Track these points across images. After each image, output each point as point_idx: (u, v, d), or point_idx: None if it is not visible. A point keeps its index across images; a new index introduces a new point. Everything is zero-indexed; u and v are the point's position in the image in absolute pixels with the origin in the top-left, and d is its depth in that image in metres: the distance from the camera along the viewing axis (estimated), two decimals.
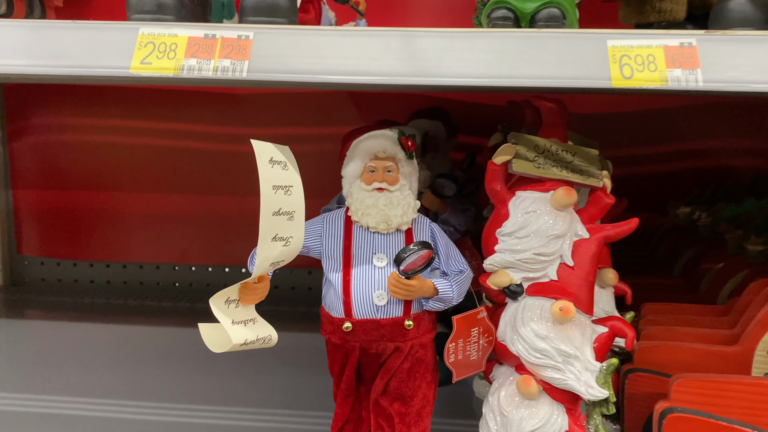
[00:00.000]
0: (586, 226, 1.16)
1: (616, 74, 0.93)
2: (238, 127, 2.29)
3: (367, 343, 1.11)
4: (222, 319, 1.01)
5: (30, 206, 2.40)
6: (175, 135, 2.34)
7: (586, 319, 1.15)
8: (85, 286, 2.41)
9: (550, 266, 1.13)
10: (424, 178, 1.61)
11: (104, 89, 2.31)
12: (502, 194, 1.16)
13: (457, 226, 1.63)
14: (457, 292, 1.11)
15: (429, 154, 1.75)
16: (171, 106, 2.31)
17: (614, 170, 1.46)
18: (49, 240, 2.41)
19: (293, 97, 2.22)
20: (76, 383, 1.60)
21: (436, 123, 1.80)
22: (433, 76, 0.96)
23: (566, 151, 1.16)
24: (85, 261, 2.41)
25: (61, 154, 2.37)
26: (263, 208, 0.96)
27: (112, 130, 2.35)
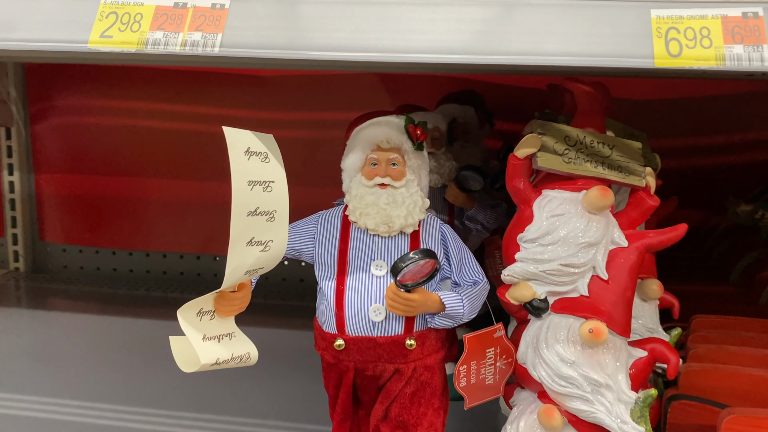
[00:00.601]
0: (625, 233, 0.99)
1: (661, 51, 0.75)
2: (268, 112, 2.17)
3: (362, 363, 0.97)
4: (190, 334, 0.88)
5: (52, 191, 2.32)
6: (203, 119, 2.23)
7: (621, 342, 0.98)
8: (108, 274, 2.33)
9: (580, 279, 0.97)
10: (449, 169, 1.45)
11: (129, 70, 2.22)
12: (525, 193, 0.99)
13: (486, 223, 1.47)
14: (468, 308, 0.96)
15: (457, 143, 1.58)
16: (199, 88, 2.20)
17: (666, 163, 1.29)
18: (72, 226, 2.34)
19: (320, 80, 2.08)
20: (95, 385, 1.49)
21: (466, 108, 1.63)
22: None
23: (603, 143, 0.98)
24: (108, 249, 2.33)
25: (84, 138, 2.28)
26: (234, 208, 0.82)
27: (137, 113, 2.25)
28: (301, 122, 2.10)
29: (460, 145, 1.60)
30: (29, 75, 2.25)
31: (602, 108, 1.05)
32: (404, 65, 0.82)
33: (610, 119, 1.14)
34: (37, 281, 2.25)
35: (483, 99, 1.74)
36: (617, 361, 0.97)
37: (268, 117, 2.14)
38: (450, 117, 1.57)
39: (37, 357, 1.65)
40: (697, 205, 1.89)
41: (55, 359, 1.63)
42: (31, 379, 1.51)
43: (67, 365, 1.60)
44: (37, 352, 1.69)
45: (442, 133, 1.47)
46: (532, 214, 0.98)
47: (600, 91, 1.09)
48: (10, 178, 2.25)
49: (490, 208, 1.47)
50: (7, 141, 2.23)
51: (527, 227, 0.98)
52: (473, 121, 1.64)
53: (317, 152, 1.98)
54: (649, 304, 1.17)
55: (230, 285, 0.87)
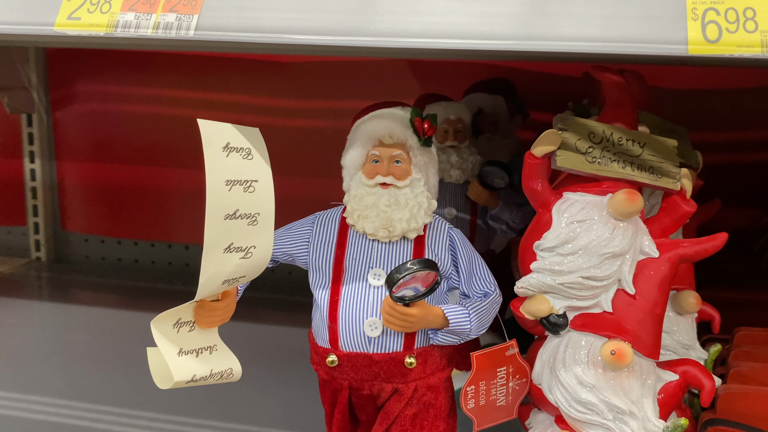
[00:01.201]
0: (656, 241, 0.87)
1: (696, 36, 0.64)
2: (290, 99, 2.09)
3: (357, 382, 0.88)
4: (164, 348, 0.80)
5: (74, 179, 2.28)
6: (228, 107, 2.16)
7: (648, 365, 0.87)
8: (130, 265, 2.28)
9: (603, 294, 0.86)
10: (473, 164, 1.35)
11: (153, 55, 2.16)
12: (543, 196, 0.89)
13: (511, 223, 1.36)
14: (476, 323, 0.86)
15: (483, 136, 1.48)
16: (223, 74, 2.13)
17: (710, 158, 1.17)
18: (94, 216, 2.29)
19: (341, 67, 1.99)
20: (112, 387, 1.42)
21: (495, 98, 1.53)
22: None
23: (633, 140, 0.87)
24: (130, 239, 2.28)
25: (107, 125, 2.24)
26: (209, 210, 0.74)
27: (162, 99, 2.20)
28: (322, 111, 2.01)
29: (486, 138, 1.49)
30: (51, 60, 2.21)
31: (634, 100, 0.93)
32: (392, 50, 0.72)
33: (646, 112, 1.02)
34: (59, 272, 2.22)
35: (515, 88, 1.63)
36: (643, 385, 0.86)
37: (290, 105, 2.06)
38: (475, 108, 1.47)
39: (57, 354, 1.59)
40: (745, 204, 1.75)
41: (75, 357, 1.57)
42: (49, 379, 1.44)
43: (86, 364, 1.53)
44: (57, 348, 1.63)
45: (466, 125, 1.37)
46: (551, 219, 0.87)
47: (633, 80, 0.97)
48: (32, 165, 2.22)
49: (517, 206, 1.37)
50: (29, 128, 2.20)
51: (545, 234, 0.87)
52: (502, 111, 1.53)
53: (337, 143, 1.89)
54: (684, 318, 1.05)
55: (206, 296, 0.79)
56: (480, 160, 1.36)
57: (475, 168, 1.34)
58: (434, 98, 1.41)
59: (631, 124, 0.90)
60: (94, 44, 0.84)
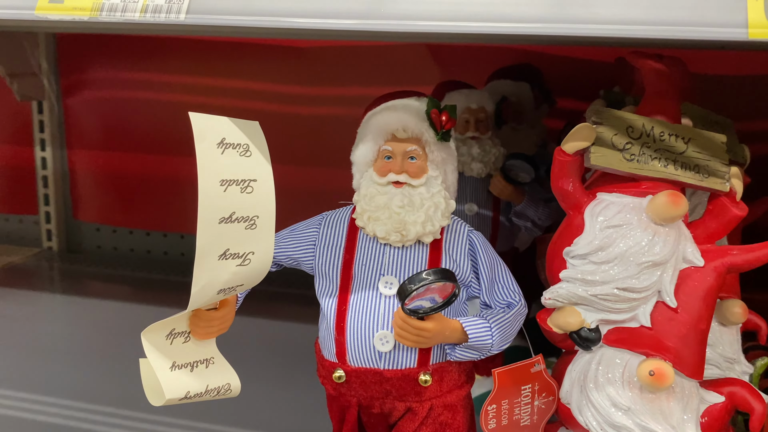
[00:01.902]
0: (701, 248, 0.78)
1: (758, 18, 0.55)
2: (310, 86, 2.01)
3: (367, 400, 0.80)
4: (155, 361, 0.73)
5: (86, 168, 2.23)
6: (243, 94, 2.09)
7: (691, 386, 0.79)
8: (142, 256, 2.23)
9: (641, 306, 0.78)
10: (496, 157, 1.26)
11: (166, 41, 2.09)
12: (574, 197, 0.80)
13: (537, 220, 1.27)
14: (498, 337, 0.78)
15: (507, 125, 1.39)
16: (237, 60, 2.06)
17: (757, 150, 1.08)
18: (106, 205, 2.25)
19: (359, 52, 1.91)
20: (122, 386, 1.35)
21: (520, 85, 1.43)
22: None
23: (676, 135, 0.78)
24: (142, 230, 2.23)
25: (119, 112, 2.18)
26: (201, 213, 0.67)
27: (175, 86, 2.14)
28: (339, 98, 1.93)
29: (511, 128, 1.40)
30: (61, 46, 2.15)
31: (677, 90, 0.84)
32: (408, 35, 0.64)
33: (688, 103, 0.93)
34: (70, 262, 2.17)
35: (541, 74, 1.53)
36: (685, 409, 0.78)
37: (306, 92, 1.98)
38: (499, 96, 1.37)
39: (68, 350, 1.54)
40: None
41: (86, 352, 1.51)
42: (59, 376, 1.39)
43: (98, 360, 1.47)
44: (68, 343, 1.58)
45: (489, 114, 1.28)
46: (583, 222, 0.78)
47: (675, 68, 0.88)
48: (43, 154, 2.16)
49: (543, 202, 1.28)
50: (39, 115, 2.14)
51: (576, 239, 0.78)
52: (527, 99, 1.44)
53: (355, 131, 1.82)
54: (729, 329, 0.96)
55: (200, 306, 0.72)
56: (503, 153, 1.27)
57: (498, 161, 1.26)
58: (455, 86, 1.33)
59: (673, 117, 0.81)
60: (77, 29, 0.76)
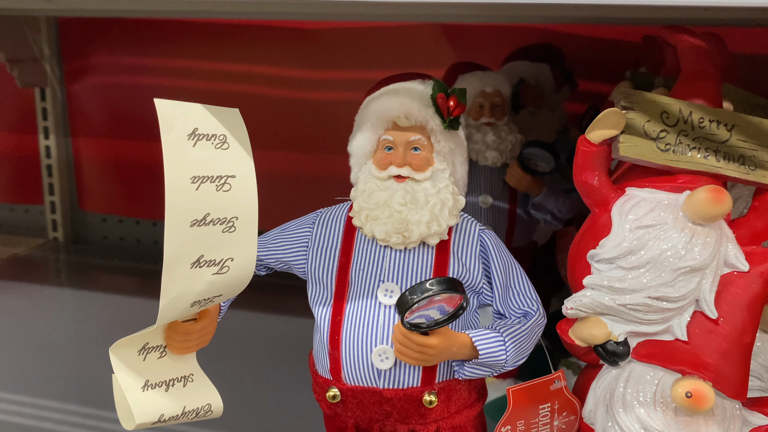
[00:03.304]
0: (745, 250, 0.69)
1: None
2: (318, 70, 1.92)
3: (365, 422, 0.72)
4: (125, 381, 0.65)
5: (91, 156, 2.18)
6: (251, 79, 2.02)
7: (732, 407, 0.69)
8: (149, 246, 2.18)
9: (676, 317, 0.68)
10: (513, 144, 1.17)
11: (170, 24, 2.02)
12: (600, 192, 0.70)
13: (557, 212, 1.18)
14: (513, 353, 0.68)
15: (525, 110, 1.30)
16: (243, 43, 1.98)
17: None
18: (112, 195, 2.19)
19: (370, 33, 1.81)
20: None
21: (540, 66, 1.34)
22: None
23: (717, 122, 0.68)
24: (149, 220, 2.17)
25: (125, 99, 2.12)
26: (169, 215, 0.58)
27: (181, 72, 2.07)
28: (348, 82, 1.84)
29: (529, 113, 1.32)
30: (63, 31, 2.09)
31: (717, 69, 0.74)
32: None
33: (728, 85, 0.82)
34: (76, 253, 2.13)
35: (562, 54, 1.43)
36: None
37: (314, 76, 1.90)
38: (516, 78, 1.28)
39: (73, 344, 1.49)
40: None
41: (93, 347, 1.44)
42: (65, 371, 1.33)
43: (106, 355, 1.41)
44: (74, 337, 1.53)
45: (505, 98, 1.19)
46: (610, 222, 0.69)
47: (714, 44, 0.77)
48: (46, 142, 2.10)
49: (563, 193, 1.19)
50: (42, 102, 2.08)
51: (602, 241, 0.69)
52: (548, 82, 1.34)
53: None
54: None
55: (171, 320, 0.64)
56: (521, 140, 1.19)
57: (515, 149, 1.17)
58: (468, 67, 1.24)
59: (714, 101, 0.71)
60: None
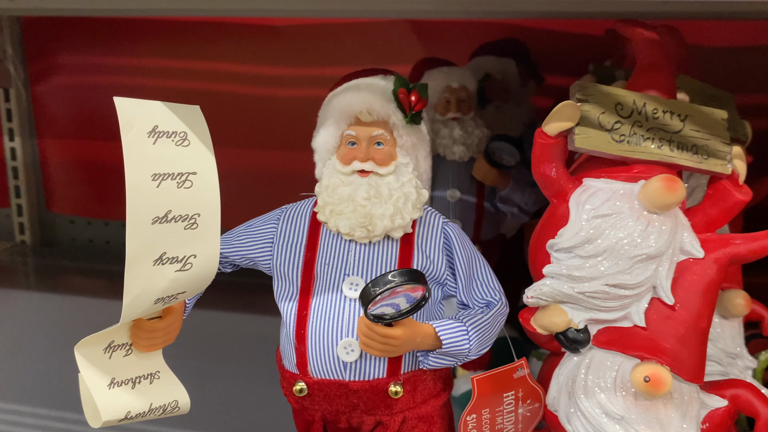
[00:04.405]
0: (700, 237, 0.70)
1: None
2: (283, 66, 1.92)
3: (332, 414, 0.72)
4: (91, 379, 0.65)
5: (58, 158, 2.15)
6: (218, 76, 2.01)
7: (690, 390, 0.71)
8: (117, 248, 2.15)
9: (634, 304, 0.70)
10: (479, 139, 1.18)
11: (136, 22, 2.00)
12: (558, 183, 0.72)
13: (523, 205, 1.20)
14: (476, 342, 0.70)
15: (492, 104, 1.31)
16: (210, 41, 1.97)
17: (757, 123, 1.01)
18: (80, 196, 2.17)
19: (338, 29, 1.82)
20: None
21: (505, 61, 1.35)
22: None
23: (671, 112, 0.70)
24: (118, 221, 2.15)
25: (91, 99, 2.09)
26: (131, 212, 0.58)
27: (149, 70, 2.05)
28: (317, 78, 1.85)
29: (495, 107, 1.33)
30: (27, 30, 2.06)
31: (672, 61, 0.76)
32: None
33: (684, 76, 0.84)
34: (45, 256, 2.10)
35: (527, 49, 1.45)
36: (685, 416, 0.70)
37: (283, 73, 1.90)
38: (482, 73, 1.29)
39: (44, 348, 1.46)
40: None
41: (63, 351, 1.39)
42: (35, 376, 1.31)
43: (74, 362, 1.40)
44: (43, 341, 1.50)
45: (471, 93, 1.20)
46: (568, 212, 0.70)
47: (669, 37, 0.79)
48: (11, 144, 2.07)
49: (530, 186, 1.20)
50: (6, 103, 2.05)
51: (561, 231, 0.70)
52: (513, 77, 1.36)
53: None
54: (730, 322, 0.89)
55: (134, 318, 0.64)
56: (487, 134, 1.20)
57: (481, 143, 1.18)
58: (435, 63, 1.24)
59: (668, 92, 0.72)
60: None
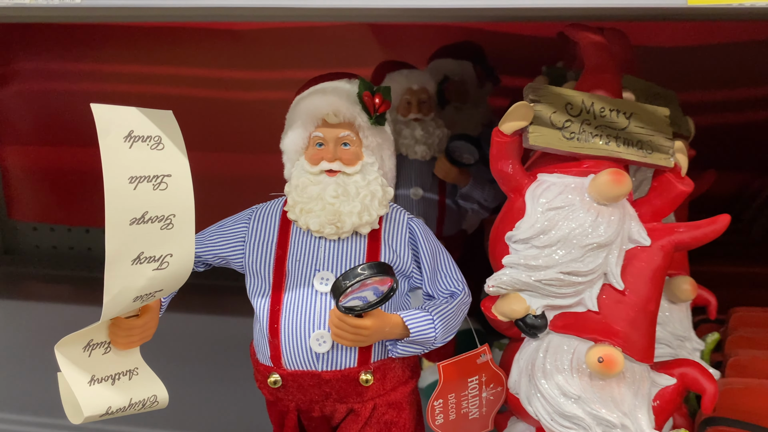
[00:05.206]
0: (647, 227, 0.75)
1: None
2: (245, 70, 1.94)
3: (306, 404, 0.76)
4: (71, 376, 0.67)
5: (19, 164, 2.13)
6: (180, 81, 2.01)
7: (641, 369, 0.76)
8: (83, 254, 2.15)
9: (587, 290, 0.74)
10: (440, 138, 1.22)
11: (98, 28, 2.00)
12: (515, 179, 0.76)
13: (483, 201, 1.24)
14: (441, 330, 0.74)
15: (451, 105, 1.35)
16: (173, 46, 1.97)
17: (699, 118, 1.07)
18: (42, 203, 2.15)
19: (298, 33, 1.84)
20: None
21: (462, 63, 1.39)
22: None
23: (617, 110, 0.75)
24: (81, 227, 2.14)
25: (53, 104, 2.08)
26: (110, 214, 0.61)
27: (110, 76, 2.04)
28: (278, 81, 1.87)
29: (454, 108, 1.37)
30: None
31: (617, 63, 0.81)
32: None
33: (630, 76, 0.90)
34: (7, 264, 2.09)
35: (483, 51, 1.49)
36: (636, 394, 0.75)
37: (244, 76, 1.92)
38: (441, 75, 1.33)
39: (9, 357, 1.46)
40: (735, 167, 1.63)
41: (28, 359, 1.43)
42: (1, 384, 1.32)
43: (41, 367, 1.37)
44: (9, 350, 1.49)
45: (431, 95, 1.24)
46: (524, 205, 0.75)
47: (615, 39, 0.84)
48: None
49: (489, 183, 1.24)
50: None
51: (518, 223, 0.75)
52: (471, 78, 1.40)
53: None
54: (678, 307, 0.94)
55: (114, 315, 0.66)
56: (447, 134, 1.23)
57: (442, 142, 1.22)
58: (395, 66, 1.28)
59: (614, 92, 0.77)
60: None
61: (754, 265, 1.43)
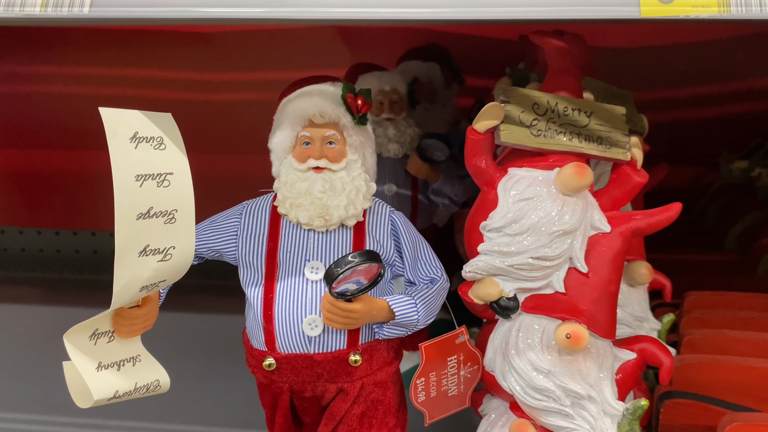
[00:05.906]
0: (607, 215, 0.83)
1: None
2: (216, 72, 1.97)
3: (298, 384, 0.81)
4: (80, 363, 0.72)
5: None
6: (149, 83, 2.04)
7: (605, 345, 0.83)
8: (52, 256, 2.16)
9: (554, 274, 0.81)
10: (411, 137, 1.28)
11: (66, 31, 2.01)
12: (488, 173, 0.83)
13: (453, 196, 1.30)
14: (423, 313, 0.80)
15: (420, 105, 1.41)
16: (141, 49, 1.99)
17: (653, 116, 1.13)
18: (10, 205, 2.15)
19: (268, 35, 1.89)
20: (40, 392, 1.31)
21: (430, 65, 1.45)
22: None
23: (579, 110, 0.82)
24: (50, 229, 2.15)
25: (19, 107, 2.08)
26: (119, 210, 0.66)
27: (78, 78, 2.05)
28: (250, 83, 1.91)
29: (424, 108, 1.43)
30: None
31: (578, 66, 0.88)
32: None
33: (589, 78, 0.97)
34: None
35: (449, 54, 1.56)
36: (601, 367, 0.82)
37: (215, 78, 1.95)
38: (410, 76, 1.40)
39: None
40: (687, 161, 1.73)
41: None
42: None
43: (13, 368, 1.42)
44: None
45: (402, 95, 1.30)
46: (497, 197, 0.81)
47: (575, 44, 0.92)
48: None
49: (458, 179, 1.31)
50: None
51: (491, 214, 0.81)
52: (438, 79, 1.46)
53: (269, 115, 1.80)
54: (637, 290, 1.02)
55: (123, 304, 0.71)
56: (418, 132, 1.30)
57: (413, 141, 1.28)
58: (367, 68, 1.34)
59: (576, 92, 0.85)
60: None
61: (705, 253, 1.52)
